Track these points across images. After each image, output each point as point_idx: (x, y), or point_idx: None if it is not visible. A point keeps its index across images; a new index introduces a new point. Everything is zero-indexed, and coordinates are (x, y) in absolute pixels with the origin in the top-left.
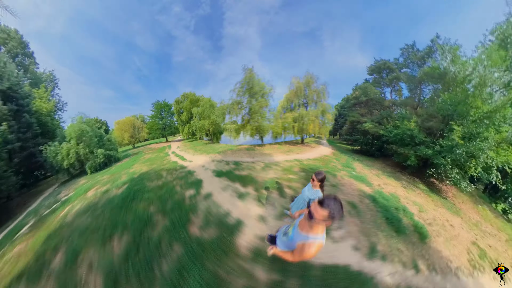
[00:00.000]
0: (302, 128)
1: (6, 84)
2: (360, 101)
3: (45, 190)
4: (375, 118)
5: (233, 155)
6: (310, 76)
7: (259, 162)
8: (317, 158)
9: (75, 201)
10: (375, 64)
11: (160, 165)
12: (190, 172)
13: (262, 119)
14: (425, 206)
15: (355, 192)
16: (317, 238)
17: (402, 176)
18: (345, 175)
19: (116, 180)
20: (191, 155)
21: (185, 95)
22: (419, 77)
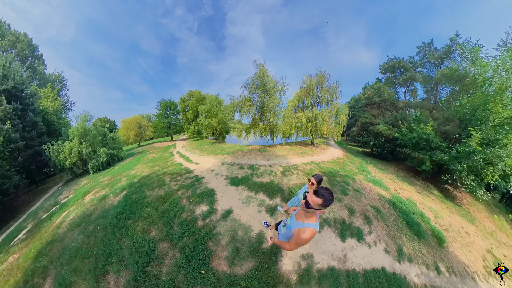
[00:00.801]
0: (315, 129)
1: (10, 83)
2: (373, 101)
3: (50, 188)
4: (388, 120)
5: (245, 156)
6: (322, 74)
7: (277, 165)
8: (332, 160)
9: (72, 207)
10: (388, 63)
11: (163, 167)
12: (198, 178)
13: (276, 118)
14: (440, 212)
15: (375, 196)
16: (311, 225)
17: (416, 181)
18: (363, 179)
19: (115, 184)
20: (197, 156)
21: (190, 93)
22: (436, 78)
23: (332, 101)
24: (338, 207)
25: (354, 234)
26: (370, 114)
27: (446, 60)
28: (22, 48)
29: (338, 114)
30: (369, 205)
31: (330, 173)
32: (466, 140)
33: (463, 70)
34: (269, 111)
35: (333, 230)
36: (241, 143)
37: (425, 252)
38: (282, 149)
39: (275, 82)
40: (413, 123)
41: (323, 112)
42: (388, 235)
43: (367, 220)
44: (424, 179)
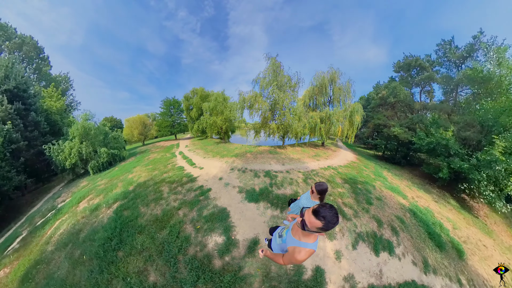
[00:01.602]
0: (328, 130)
1: (12, 83)
2: (388, 102)
3: (54, 187)
4: (404, 122)
5: (256, 160)
6: (334, 72)
7: (295, 171)
8: (347, 164)
9: (65, 215)
10: (404, 61)
11: (162, 171)
12: (204, 191)
13: (293, 118)
14: (458, 223)
15: (397, 205)
16: (308, 245)
17: (432, 189)
18: (382, 186)
19: (110, 191)
20: (201, 158)
21: (194, 91)
22: (457, 79)
23: (345, 100)
24: (367, 219)
25: (386, 247)
26: (383, 116)
27: (468, 59)
28: (28, 50)
29: (353, 115)
30: (393, 215)
31: (350, 179)
32: (487, 148)
33: (487, 72)
34: (282, 109)
35: (367, 245)
36: (247, 143)
37: (447, 264)
38: (294, 151)
39: (289, 77)
40: (431, 127)
41: (336, 112)
42: (413, 247)
43: (394, 231)
44: (440, 187)
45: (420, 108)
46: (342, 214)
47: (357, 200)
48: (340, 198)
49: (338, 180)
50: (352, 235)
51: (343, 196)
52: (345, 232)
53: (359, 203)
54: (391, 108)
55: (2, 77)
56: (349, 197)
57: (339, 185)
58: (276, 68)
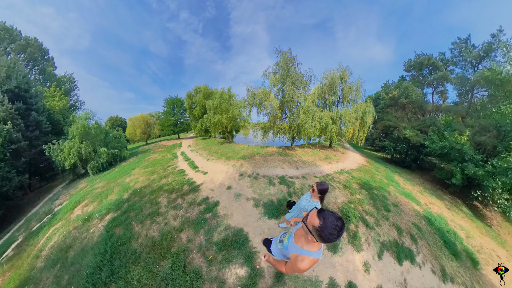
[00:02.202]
0: (340, 131)
1: (13, 83)
2: (399, 103)
3: (56, 186)
4: (416, 124)
5: (267, 163)
6: (344, 70)
7: (311, 176)
8: (359, 168)
9: (59, 223)
10: (415, 60)
11: (161, 175)
12: (210, 205)
13: (305, 116)
14: (471, 232)
15: (412, 212)
16: (312, 253)
17: (444, 195)
18: (395, 192)
19: (105, 197)
20: (204, 161)
21: (197, 89)
22: (474, 80)
23: (355, 100)
24: (387, 227)
25: (407, 256)
26: (394, 117)
27: (486, 59)
28: (32, 51)
29: (365, 116)
30: (410, 222)
31: (365, 184)
32: (504, 154)
33: (506, 74)
34: (295, 107)
35: (391, 254)
36: (254, 144)
37: (463, 272)
38: (304, 153)
39: (301, 74)
40: (445, 130)
41: (347, 112)
42: (431, 255)
43: (413, 239)
44: (452, 193)
45: (433, 109)
46: (365, 223)
47: (376, 207)
48: (360, 206)
49: (354, 186)
50: (377, 245)
51: (363, 203)
52: (370, 242)
53: (378, 211)
54: (401, 109)
55: (3, 77)
56: (368, 204)
57: (356, 191)
58: (289, 63)
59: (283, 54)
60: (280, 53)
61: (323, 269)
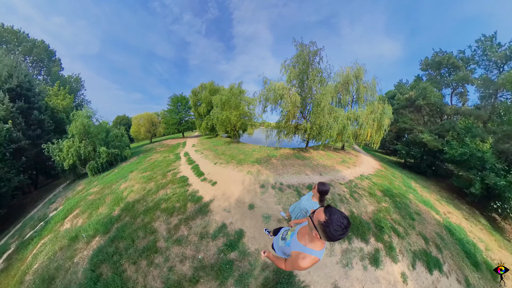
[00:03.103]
0: (357, 133)
1: (14, 82)
2: (416, 104)
3: (58, 185)
4: (434, 128)
5: (287, 168)
6: (360, 67)
7: (336, 183)
8: (376, 173)
9: (48, 235)
10: (433, 58)
11: (160, 184)
12: (232, 239)
13: (329, 117)
14: (490, 244)
15: (433, 221)
16: (314, 252)
17: (461, 205)
18: (415, 199)
19: (97, 208)
20: (211, 164)
21: (203, 86)
22: (498, 82)
23: (370, 100)
24: (415, 236)
25: (436, 265)
26: (409, 119)
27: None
28: (38, 52)
29: (382, 117)
30: (433, 232)
31: (387, 191)
32: None
33: None
34: (317, 105)
35: (422, 263)
36: (259, 143)
37: (484, 284)
38: (320, 156)
39: (320, 70)
40: (465, 136)
41: (364, 113)
42: (455, 264)
43: (438, 248)
44: (470, 203)
45: (451, 112)
46: (396, 232)
47: (402, 215)
48: (388, 215)
49: (378, 193)
50: (410, 254)
51: (389, 212)
52: (404, 252)
53: (404, 219)
54: (417, 110)
55: (5, 76)
56: (394, 213)
57: (381, 198)
58: (310, 57)
59: (303, 47)
60: (300, 45)
61: (370, 286)
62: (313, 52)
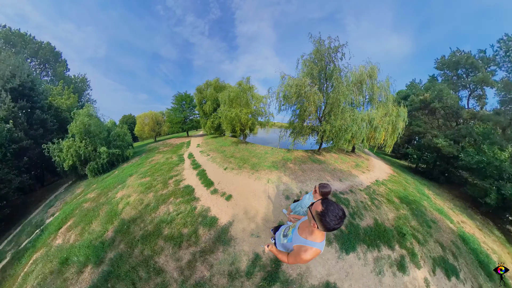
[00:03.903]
0: (369, 136)
1: (17, 81)
2: (431, 107)
3: (62, 185)
4: (449, 133)
5: (306, 174)
6: (373, 66)
7: (357, 190)
8: (390, 178)
9: (41, 249)
10: (450, 58)
11: (159, 197)
12: (267, 284)
13: (354, 120)
14: (503, 257)
15: (448, 229)
16: (315, 244)
17: (475, 215)
18: (429, 207)
19: (90, 222)
20: (220, 170)
21: (208, 83)
22: None
23: (384, 101)
24: (432, 244)
25: (453, 272)
26: (424, 122)
27: None
28: (44, 53)
29: (397, 120)
30: (449, 240)
31: (404, 198)
32: None
33: None
34: (337, 106)
35: (441, 270)
36: (278, 147)
37: None
38: (334, 159)
39: (339, 69)
40: (483, 143)
41: (378, 115)
42: (470, 273)
43: (454, 256)
44: (484, 214)
45: (468, 116)
46: (416, 239)
47: (419, 223)
48: (407, 223)
49: (395, 200)
50: (430, 261)
51: (408, 219)
52: (425, 259)
53: (422, 227)
54: (431, 113)
55: (8, 76)
56: (413, 220)
57: (399, 205)
58: (328, 54)
59: (320, 42)
60: (317, 41)
61: None
62: (333, 48)
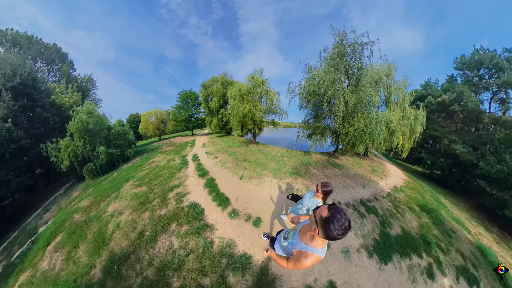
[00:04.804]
0: (388, 139)
1: (17, 80)
2: (451, 110)
3: (64, 184)
4: (469, 139)
5: (331, 180)
6: (390, 65)
7: (381, 197)
8: (407, 185)
9: (27, 271)
10: (472, 56)
11: (158, 220)
12: None
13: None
14: None
15: (467, 240)
16: (316, 250)
17: (492, 228)
18: (447, 216)
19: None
20: (235, 179)
21: (214, 79)
22: None
23: (401, 102)
24: (454, 253)
25: (474, 281)
26: (441, 126)
27: None
28: (49, 54)
29: (415, 124)
30: (469, 251)
31: (423, 206)
32: None
33: None
34: (361, 108)
35: (464, 278)
36: (294, 149)
37: None
38: (350, 163)
39: (363, 68)
40: (505, 152)
41: (396, 117)
42: (490, 284)
43: (474, 267)
44: (501, 227)
45: (490, 122)
46: (440, 248)
47: (440, 232)
48: (430, 231)
49: (416, 208)
50: (453, 269)
51: (430, 228)
52: (449, 267)
53: (443, 236)
54: (448, 116)
55: (9, 74)
56: (434, 229)
57: (420, 214)
58: (358, 50)
59: (343, 37)
60: (339, 35)
61: None
62: (359, 44)
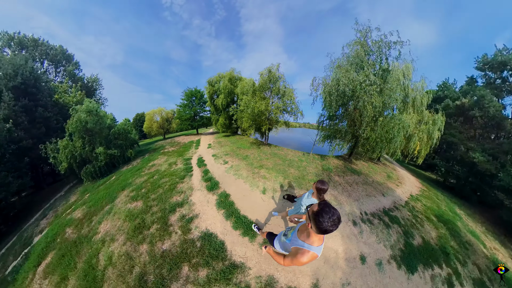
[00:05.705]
0: (406, 145)
1: (19, 79)
2: (470, 115)
3: (67, 184)
4: (488, 147)
5: (354, 188)
6: (407, 65)
7: (400, 207)
8: (422, 194)
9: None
10: (494, 57)
11: (161, 264)
12: None
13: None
14: None
15: (482, 253)
16: (312, 248)
17: (508, 243)
18: (463, 228)
19: (66, 271)
20: (257, 194)
21: (220, 75)
22: None
23: (418, 105)
24: (471, 266)
25: None
26: (458, 132)
27: None
28: (54, 54)
29: (433, 129)
30: (484, 265)
31: (440, 216)
32: None
33: None
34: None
35: None
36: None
37: None
38: (365, 168)
39: (388, 69)
40: None
41: (413, 122)
42: None
43: (490, 281)
44: None
45: None
46: (458, 259)
47: (457, 243)
48: (448, 242)
49: (433, 218)
50: (470, 281)
51: (448, 239)
52: (467, 278)
53: (460, 248)
54: (466, 121)
55: (10, 74)
56: (452, 240)
57: (437, 224)
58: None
59: (366, 33)
60: (362, 31)
61: None
62: (387, 43)
